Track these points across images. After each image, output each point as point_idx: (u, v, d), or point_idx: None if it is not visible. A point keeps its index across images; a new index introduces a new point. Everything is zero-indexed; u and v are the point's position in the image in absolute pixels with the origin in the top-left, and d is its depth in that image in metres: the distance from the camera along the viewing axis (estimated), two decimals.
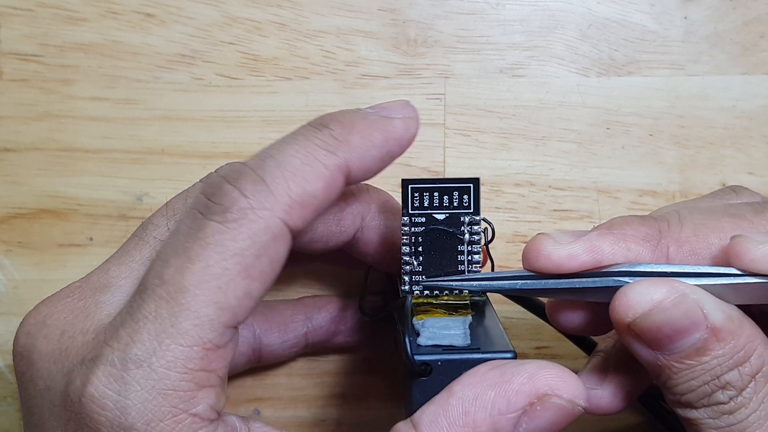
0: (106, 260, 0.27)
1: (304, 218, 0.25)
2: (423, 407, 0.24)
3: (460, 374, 0.24)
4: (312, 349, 0.35)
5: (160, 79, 0.36)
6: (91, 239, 0.36)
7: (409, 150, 0.36)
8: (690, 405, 0.25)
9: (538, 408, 0.23)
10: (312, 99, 0.36)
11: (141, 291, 0.24)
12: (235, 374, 0.35)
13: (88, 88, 0.36)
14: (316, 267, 0.36)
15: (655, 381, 0.26)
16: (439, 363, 0.25)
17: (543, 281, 0.26)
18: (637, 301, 0.24)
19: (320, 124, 0.26)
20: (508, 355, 0.25)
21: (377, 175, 0.27)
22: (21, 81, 0.37)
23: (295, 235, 0.25)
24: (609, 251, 0.25)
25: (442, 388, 0.24)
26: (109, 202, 0.36)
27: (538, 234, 0.26)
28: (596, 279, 0.25)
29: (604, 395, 0.27)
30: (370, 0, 0.36)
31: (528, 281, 0.26)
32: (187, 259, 0.23)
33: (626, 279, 0.25)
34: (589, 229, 0.26)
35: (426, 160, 0.36)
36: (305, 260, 0.34)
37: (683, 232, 0.25)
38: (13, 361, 0.26)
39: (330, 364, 0.37)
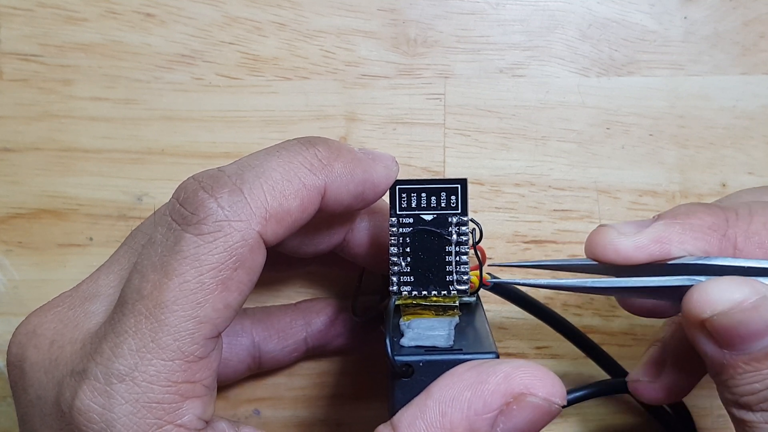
0: (97, 269, 0.27)
1: (277, 233, 0.25)
2: (402, 409, 0.24)
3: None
4: (312, 353, 0.35)
5: (160, 79, 0.36)
6: (91, 239, 0.36)
7: (409, 150, 0.36)
8: (748, 407, 0.24)
9: (514, 407, 0.23)
10: (312, 99, 0.36)
11: (121, 304, 0.24)
12: (235, 380, 0.35)
13: (88, 88, 0.36)
14: (312, 269, 0.36)
15: (712, 377, 0.25)
16: (421, 364, 0.25)
17: (615, 279, 0.25)
18: (717, 298, 0.23)
19: (308, 142, 0.26)
20: (490, 356, 0.25)
21: None
22: (21, 81, 0.36)
23: (269, 248, 0.25)
24: (677, 241, 0.24)
25: (424, 388, 0.24)
26: (109, 202, 0.36)
27: (600, 225, 0.25)
28: (669, 278, 0.24)
29: (660, 389, 0.27)
30: (370, 0, 0.36)
31: (598, 280, 0.25)
32: (164, 273, 0.23)
33: (700, 278, 0.24)
34: (649, 219, 0.25)
35: (426, 160, 0.36)
36: (299, 264, 0.34)
37: (753, 224, 0.25)
38: (7, 370, 0.26)
39: (330, 364, 0.37)
